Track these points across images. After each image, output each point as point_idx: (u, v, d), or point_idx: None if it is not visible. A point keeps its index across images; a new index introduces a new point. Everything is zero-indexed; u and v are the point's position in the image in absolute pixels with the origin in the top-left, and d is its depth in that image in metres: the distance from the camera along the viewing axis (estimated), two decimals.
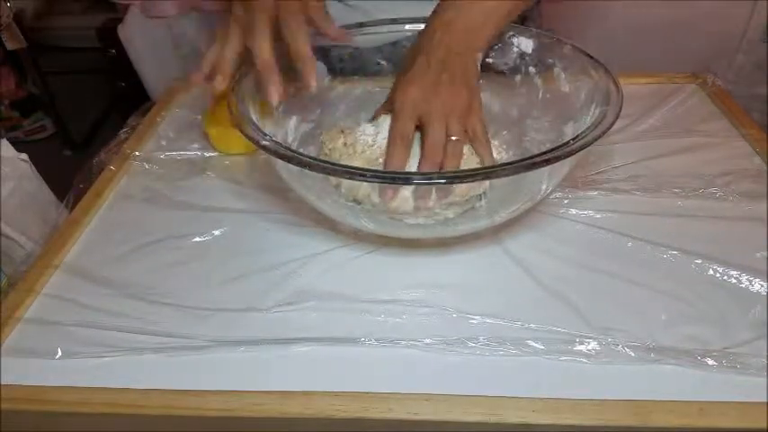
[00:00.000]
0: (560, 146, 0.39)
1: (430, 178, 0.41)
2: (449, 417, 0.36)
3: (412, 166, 0.46)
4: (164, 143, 0.64)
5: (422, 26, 0.51)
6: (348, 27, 0.57)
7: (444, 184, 0.42)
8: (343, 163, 0.48)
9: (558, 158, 0.38)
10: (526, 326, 0.41)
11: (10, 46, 1.60)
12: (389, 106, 0.48)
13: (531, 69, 0.55)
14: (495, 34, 0.50)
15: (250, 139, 0.42)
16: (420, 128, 0.46)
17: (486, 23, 0.48)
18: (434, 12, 0.50)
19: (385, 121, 0.49)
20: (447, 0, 0.49)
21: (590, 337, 0.40)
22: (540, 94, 0.55)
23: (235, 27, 0.48)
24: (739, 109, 0.63)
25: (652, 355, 0.38)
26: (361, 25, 0.59)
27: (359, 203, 0.46)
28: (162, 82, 0.83)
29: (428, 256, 0.49)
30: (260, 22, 0.45)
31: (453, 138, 0.45)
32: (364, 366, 0.39)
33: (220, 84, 0.48)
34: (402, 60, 0.51)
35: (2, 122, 1.92)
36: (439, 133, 0.45)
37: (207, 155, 0.62)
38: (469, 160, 0.47)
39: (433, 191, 0.44)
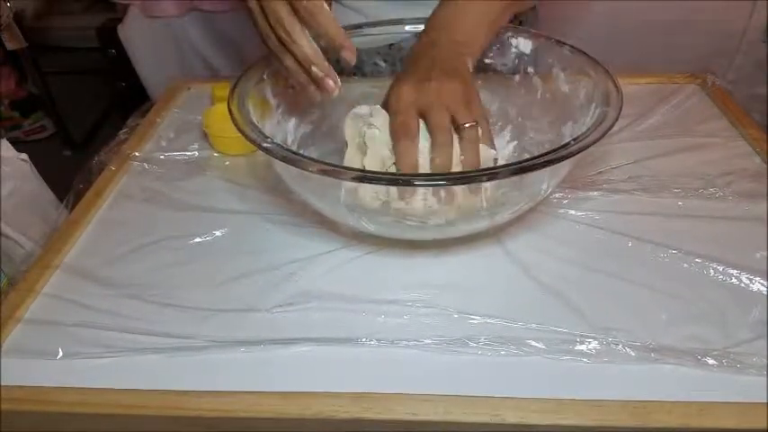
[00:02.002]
0: (562, 146, 0.39)
1: (432, 180, 0.41)
2: (449, 417, 0.36)
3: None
4: (163, 143, 0.64)
5: (421, 26, 0.51)
6: (346, 28, 0.57)
7: (446, 185, 0.42)
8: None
9: (559, 159, 0.38)
10: (527, 326, 0.41)
11: (10, 46, 1.60)
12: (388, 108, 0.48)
13: (530, 70, 0.55)
14: (489, 34, 0.50)
15: (251, 141, 0.42)
16: (423, 118, 0.45)
17: (479, 23, 0.48)
18: (432, 12, 0.50)
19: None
20: (444, 0, 0.49)
21: (590, 337, 0.40)
22: (539, 95, 0.55)
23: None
24: (739, 109, 0.63)
25: (652, 354, 0.38)
26: (359, 27, 0.59)
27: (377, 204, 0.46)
28: (162, 82, 0.83)
29: (429, 256, 0.49)
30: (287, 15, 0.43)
31: (466, 125, 0.44)
32: (364, 366, 0.39)
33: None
34: (403, 62, 0.51)
35: (2, 122, 1.92)
36: (440, 116, 0.44)
37: (207, 155, 0.62)
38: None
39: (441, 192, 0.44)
